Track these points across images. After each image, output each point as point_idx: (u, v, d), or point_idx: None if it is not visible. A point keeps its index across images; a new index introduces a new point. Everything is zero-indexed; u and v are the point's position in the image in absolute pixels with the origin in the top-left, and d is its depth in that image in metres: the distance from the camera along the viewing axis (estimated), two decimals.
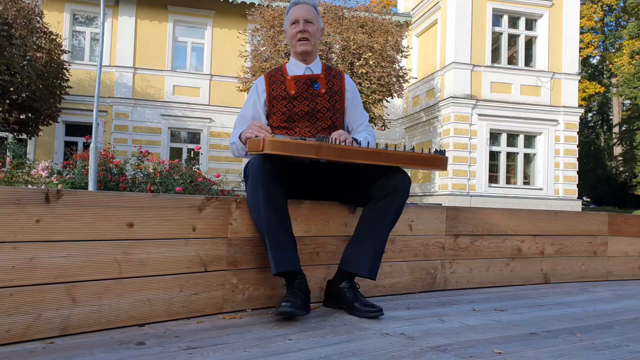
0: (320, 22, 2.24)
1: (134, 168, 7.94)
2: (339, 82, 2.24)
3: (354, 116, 2.29)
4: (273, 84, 2.19)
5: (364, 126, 2.31)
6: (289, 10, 2.24)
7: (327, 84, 2.20)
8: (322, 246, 2.09)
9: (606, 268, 3.16)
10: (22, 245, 1.37)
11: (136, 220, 1.59)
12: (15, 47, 10.89)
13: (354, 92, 2.30)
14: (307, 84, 2.16)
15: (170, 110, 16.22)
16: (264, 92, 2.19)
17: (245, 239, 1.87)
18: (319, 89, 2.17)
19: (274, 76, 2.22)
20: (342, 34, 12.75)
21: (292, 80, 2.16)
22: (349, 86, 2.28)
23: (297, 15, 2.17)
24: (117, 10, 16.01)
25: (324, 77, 2.20)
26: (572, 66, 15.88)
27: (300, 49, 2.17)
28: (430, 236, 2.48)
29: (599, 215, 3.14)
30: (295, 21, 2.18)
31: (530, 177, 15.98)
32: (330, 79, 2.22)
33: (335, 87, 2.22)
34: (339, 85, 2.23)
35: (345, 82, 2.27)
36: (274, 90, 2.17)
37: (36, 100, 11.46)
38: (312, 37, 2.17)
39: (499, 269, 2.73)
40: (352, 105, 2.28)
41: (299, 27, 2.15)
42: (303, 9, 2.18)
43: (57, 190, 1.43)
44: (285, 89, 2.15)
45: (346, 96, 2.25)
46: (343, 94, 2.23)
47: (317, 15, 2.23)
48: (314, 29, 2.19)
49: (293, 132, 2.15)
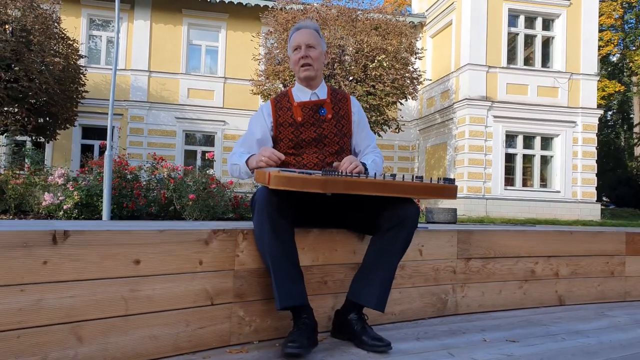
0: (324, 46, 2.23)
1: (149, 174, 8.03)
2: (345, 105, 2.23)
3: (361, 139, 2.28)
4: (280, 110, 2.18)
5: (372, 148, 2.30)
6: (291, 36, 2.23)
7: (333, 109, 2.19)
8: (330, 275, 2.07)
9: (624, 288, 3.09)
10: (29, 288, 1.38)
11: (143, 256, 1.60)
12: (34, 53, 11.06)
13: (360, 114, 2.29)
14: (314, 109, 2.16)
15: (185, 113, 16.34)
16: (269, 116, 2.19)
17: (251, 271, 1.86)
18: (326, 114, 2.17)
19: (280, 102, 2.21)
20: (355, 37, 12.70)
21: (299, 107, 2.16)
22: (355, 109, 2.27)
23: (299, 40, 2.17)
24: (132, 14, 16.17)
25: (330, 102, 2.19)
26: (590, 67, 15.60)
27: (303, 74, 2.16)
28: (441, 260, 2.44)
29: (615, 234, 3.08)
30: (297, 47, 2.17)
31: (547, 180, 15.75)
32: (337, 103, 2.21)
33: (341, 112, 2.21)
34: (345, 109, 2.22)
35: (352, 105, 2.26)
36: (281, 117, 2.16)
37: (54, 105, 11.63)
38: (314, 62, 2.16)
39: (511, 291, 2.68)
40: (359, 128, 2.28)
41: (301, 53, 2.15)
42: (305, 34, 2.17)
43: (64, 231, 1.44)
44: (292, 116, 2.15)
45: (353, 119, 2.24)
46: (349, 117, 2.22)
47: (320, 38, 2.21)
48: (317, 53, 2.18)
49: (301, 158, 2.14)
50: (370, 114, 12.46)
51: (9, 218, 7.54)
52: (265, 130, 2.19)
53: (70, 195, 6.91)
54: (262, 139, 2.19)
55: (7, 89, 10.54)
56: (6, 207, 7.92)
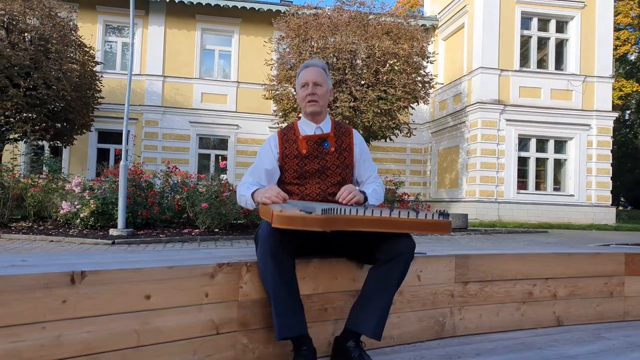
0: (329, 83, 2.35)
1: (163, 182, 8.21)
2: (348, 139, 2.35)
3: (362, 170, 2.40)
4: (286, 142, 2.30)
5: (373, 178, 2.41)
6: (300, 73, 2.35)
7: (336, 142, 2.31)
8: (331, 302, 2.18)
9: (623, 309, 3.15)
10: (50, 325, 1.51)
11: (153, 291, 1.72)
12: (52, 61, 11.34)
13: (362, 146, 2.40)
14: (318, 143, 2.28)
15: (199, 118, 16.57)
16: (276, 147, 2.31)
17: (255, 301, 1.98)
18: (329, 147, 2.29)
19: (286, 134, 2.33)
20: (367, 42, 12.76)
21: (304, 140, 2.28)
22: (357, 141, 2.38)
23: (307, 78, 2.29)
24: (147, 20, 16.44)
25: (333, 136, 2.31)
26: (605, 69, 15.48)
27: (309, 109, 2.29)
28: (439, 285, 2.54)
29: (614, 255, 3.13)
30: (305, 84, 2.29)
31: (561, 184, 15.67)
32: (340, 137, 2.33)
33: (344, 145, 2.32)
34: (348, 142, 2.34)
35: (354, 137, 2.37)
36: (287, 149, 2.29)
37: (71, 112, 11.91)
38: (320, 99, 2.29)
39: (509, 313, 2.76)
40: (361, 159, 2.39)
41: (309, 90, 2.27)
42: (313, 72, 2.30)
43: (82, 272, 1.57)
44: (298, 148, 2.27)
45: (355, 151, 2.36)
46: (352, 150, 2.34)
47: (327, 76, 2.33)
48: (323, 90, 2.30)
49: (304, 188, 2.26)
50: (382, 119, 12.54)
51: (28, 225, 7.79)
52: (273, 160, 2.31)
53: (87, 203, 7.12)
54: (271, 169, 2.31)
55: (26, 97, 10.83)
56: (26, 214, 8.18)
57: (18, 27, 11.32)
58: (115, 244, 6.37)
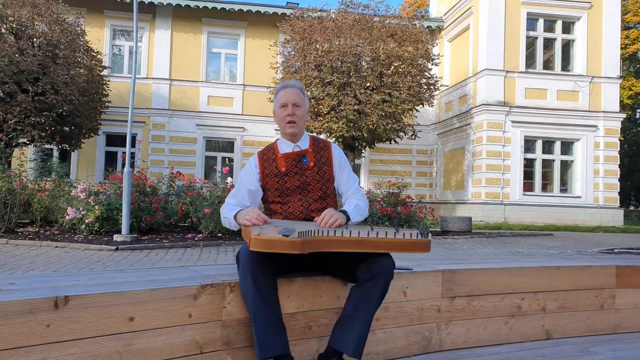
0: (306, 103, 2.41)
1: (167, 187, 8.30)
2: (327, 153, 2.40)
3: (343, 183, 2.43)
4: (265, 162, 2.36)
5: (354, 190, 2.43)
6: (278, 93, 2.40)
7: (315, 157, 2.36)
8: (315, 320, 2.22)
9: (614, 321, 3.15)
10: (33, 349, 1.57)
11: (136, 313, 1.77)
12: (59, 67, 11.48)
13: (341, 159, 2.43)
14: (296, 159, 2.33)
15: (205, 120, 16.68)
16: (256, 167, 2.38)
17: (239, 320, 2.03)
18: (308, 162, 2.34)
19: (266, 154, 2.39)
20: (371, 44, 12.77)
21: (283, 158, 2.34)
22: (336, 153, 2.42)
23: (286, 99, 2.34)
24: (153, 24, 16.58)
25: (312, 151, 2.36)
26: (612, 69, 15.35)
27: (288, 131, 2.34)
28: (426, 300, 2.56)
29: (605, 268, 3.14)
30: (284, 104, 2.35)
31: (567, 185, 15.56)
32: (318, 152, 2.38)
33: (323, 159, 2.37)
34: (327, 157, 2.39)
35: (332, 151, 2.42)
36: (267, 168, 2.35)
37: (78, 116, 12.05)
38: (299, 120, 2.35)
39: (497, 327, 2.78)
40: (341, 172, 2.42)
41: (288, 111, 2.32)
42: (291, 93, 2.35)
43: (65, 296, 1.62)
44: (277, 167, 2.34)
45: (334, 164, 2.40)
46: (331, 164, 2.39)
47: (304, 96, 2.40)
48: (301, 111, 2.37)
49: (287, 206, 2.32)
50: (386, 121, 12.54)
51: (34, 230, 7.92)
52: (255, 181, 2.37)
53: (92, 209, 7.22)
54: (253, 189, 2.37)
55: (35, 102, 10.98)
56: (33, 218, 8.31)
57: (27, 33, 11.49)
58: (119, 249, 6.46)
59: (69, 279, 1.97)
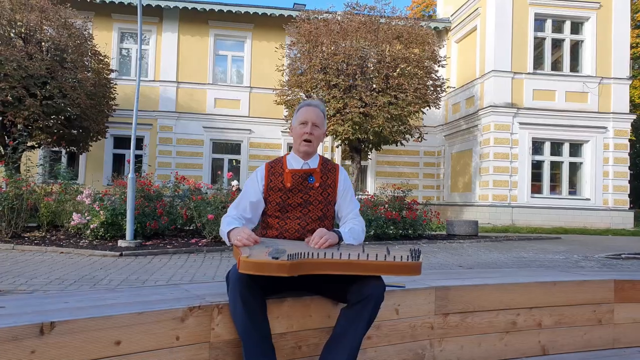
0: (325, 125, 2.42)
1: (172, 191, 8.35)
2: (334, 175, 2.40)
3: (344, 206, 2.43)
4: (272, 175, 2.37)
5: (353, 215, 2.44)
6: (300, 109, 2.40)
7: (321, 177, 2.36)
8: (305, 340, 2.22)
9: (612, 336, 3.12)
10: None
11: (123, 337, 1.79)
12: (67, 71, 11.59)
13: (346, 183, 2.44)
14: (303, 177, 2.34)
15: (212, 123, 16.75)
16: (262, 179, 2.38)
17: (227, 341, 2.03)
18: (314, 182, 2.34)
19: (274, 167, 2.40)
20: (377, 46, 12.75)
21: (290, 174, 2.34)
22: (342, 177, 2.43)
23: (307, 117, 2.35)
24: (161, 27, 16.68)
25: (319, 172, 2.37)
26: (622, 70, 15.19)
27: (302, 149, 2.35)
28: (418, 317, 2.55)
29: (603, 282, 3.10)
30: (304, 122, 2.35)
31: (576, 187, 15.42)
32: (326, 173, 2.38)
33: (329, 181, 2.37)
34: (333, 179, 2.39)
35: (339, 174, 2.42)
36: (272, 182, 2.35)
37: (86, 119, 12.15)
38: (315, 140, 2.36)
39: (491, 343, 2.76)
40: (344, 196, 2.43)
41: (307, 129, 2.33)
42: (313, 113, 2.36)
43: (51, 322, 1.64)
44: (282, 181, 2.34)
45: (339, 188, 2.40)
46: (336, 186, 2.39)
47: (324, 119, 2.41)
48: (319, 132, 2.37)
49: (284, 222, 2.32)
50: (392, 124, 12.51)
51: (41, 234, 8.00)
52: (258, 192, 2.38)
53: (97, 215, 7.28)
54: (255, 201, 2.37)
55: (43, 106, 11.10)
56: (39, 223, 8.40)
57: (35, 38, 11.61)
58: (123, 255, 6.51)
59: (58, 301, 1.98)
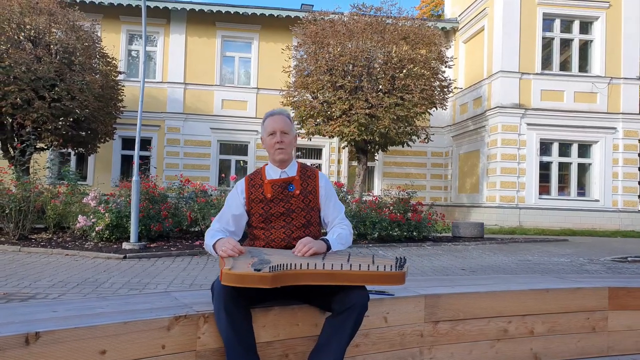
0: (293, 131, 2.44)
1: (177, 194, 8.41)
2: (313, 182, 2.42)
3: (328, 212, 2.45)
4: (252, 187, 2.39)
5: (339, 219, 2.46)
6: (266, 120, 2.43)
7: (301, 185, 2.38)
8: (292, 348, 2.24)
9: (606, 343, 3.10)
10: None
11: (108, 346, 1.82)
12: (75, 73, 11.71)
13: (327, 188, 2.46)
14: (282, 186, 2.36)
15: (220, 124, 16.83)
16: (243, 192, 2.40)
17: (214, 350, 2.06)
18: (294, 190, 2.36)
19: (253, 180, 2.42)
20: (383, 47, 12.73)
21: (269, 184, 2.36)
22: (322, 183, 2.44)
23: (274, 127, 2.37)
24: (168, 28, 16.79)
25: (298, 179, 2.38)
26: (631, 70, 15.03)
27: (278, 157, 2.37)
28: (408, 325, 2.56)
29: (597, 289, 3.09)
30: (272, 132, 2.37)
31: (585, 189, 15.27)
32: (305, 180, 2.40)
33: (309, 187, 2.39)
34: (313, 185, 2.41)
35: (319, 180, 2.44)
36: (252, 194, 2.37)
37: (94, 121, 12.28)
38: (287, 147, 2.38)
39: (482, 351, 2.77)
40: (326, 202, 2.44)
41: (277, 138, 2.35)
42: (279, 121, 2.38)
43: (36, 332, 1.68)
44: (263, 192, 2.36)
45: (320, 194, 2.42)
46: (317, 192, 2.41)
47: (291, 124, 2.42)
48: (290, 138, 2.39)
49: (269, 233, 2.35)
50: (398, 125, 12.49)
51: (48, 236, 8.11)
52: (240, 205, 2.40)
53: (102, 217, 7.37)
54: (238, 214, 2.40)
55: (51, 108, 11.23)
56: (46, 225, 8.51)
57: (44, 41, 11.75)
58: (127, 258, 6.58)
59: (46, 310, 2.02)
